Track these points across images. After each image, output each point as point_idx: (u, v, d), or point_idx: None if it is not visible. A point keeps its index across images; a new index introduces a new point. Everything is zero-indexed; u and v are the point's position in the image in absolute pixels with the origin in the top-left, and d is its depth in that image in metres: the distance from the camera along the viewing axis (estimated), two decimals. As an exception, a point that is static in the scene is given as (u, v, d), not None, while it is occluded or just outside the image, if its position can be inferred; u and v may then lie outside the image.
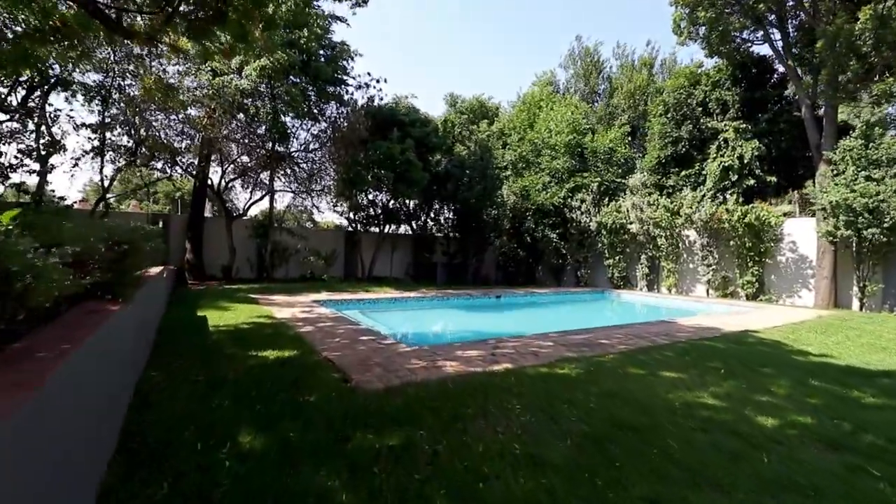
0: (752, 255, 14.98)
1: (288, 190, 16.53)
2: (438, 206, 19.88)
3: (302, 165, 15.94)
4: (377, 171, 15.23)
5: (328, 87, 14.19)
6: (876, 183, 12.14)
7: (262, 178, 15.81)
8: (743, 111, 17.34)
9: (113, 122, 13.05)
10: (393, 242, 19.22)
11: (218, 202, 16.05)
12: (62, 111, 12.58)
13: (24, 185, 11.55)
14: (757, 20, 14.64)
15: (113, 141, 13.34)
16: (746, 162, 16.06)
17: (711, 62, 18.69)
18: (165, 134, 13.58)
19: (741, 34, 15.53)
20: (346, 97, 15.49)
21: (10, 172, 10.07)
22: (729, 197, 16.27)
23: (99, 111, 12.92)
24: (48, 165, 12.36)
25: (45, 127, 12.24)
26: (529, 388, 4.30)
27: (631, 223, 17.91)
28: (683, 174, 18.92)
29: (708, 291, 16.26)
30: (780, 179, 16.39)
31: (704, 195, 17.17)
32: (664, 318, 11.29)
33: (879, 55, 12.03)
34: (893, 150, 12.20)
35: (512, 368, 4.91)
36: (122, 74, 12.59)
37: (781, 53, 15.04)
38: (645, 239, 17.74)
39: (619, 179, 20.34)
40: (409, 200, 18.65)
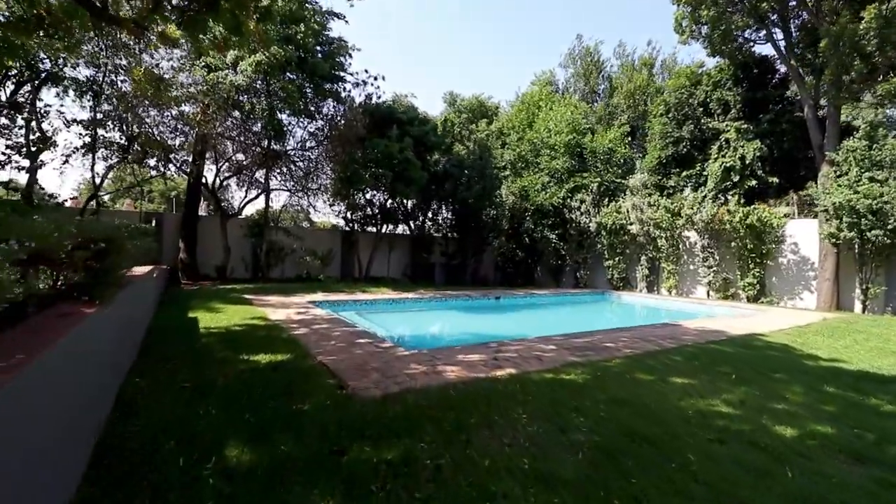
0: (753, 256, 14.83)
1: (284, 189, 16.28)
2: (437, 205, 19.67)
3: (298, 164, 15.69)
4: (375, 169, 14.99)
5: (325, 83, 13.95)
6: (880, 184, 12.00)
7: (257, 176, 15.54)
8: (744, 111, 17.20)
9: (105, 118, 12.77)
10: (390, 242, 18.98)
11: (213, 201, 15.78)
12: (52, 107, 12.22)
13: (12, 182, 11.25)
14: (759, 19, 14.50)
15: (105, 137, 13.05)
16: (748, 163, 15.91)
17: (713, 62, 18.58)
18: (159, 130, 13.32)
19: (743, 33, 15.40)
20: (343, 95, 15.26)
21: (-2, 169, 9.77)
22: (730, 198, 16.12)
23: (90, 107, 12.66)
24: (38, 162, 12.09)
25: (35, 122, 11.97)
26: (535, 395, 4.09)
27: (631, 224, 17.74)
28: (684, 175, 18.77)
29: (708, 293, 16.10)
30: (781, 181, 16.24)
31: (706, 196, 17.02)
32: (667, 320, 11.11)
33: (884, 55, 11.89)
34: (898, 151, 12.08)
35: (516, 374, 4.70)
36: (114, 70, 12.34)
37: (784, 53, 14.91)
38: (645, 240, 17.57)
39: (618, 180, 20.17)
40: (406, 200, 18.43)
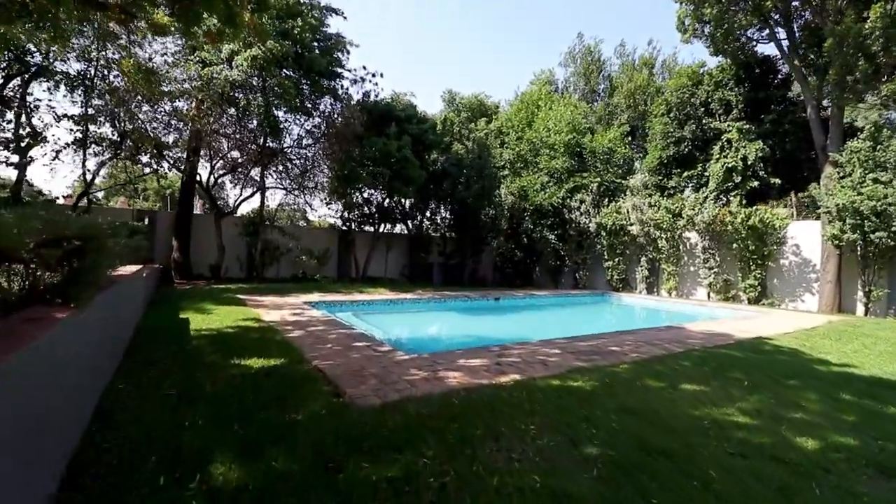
0: (754, 258, 14.69)
1: (280, 187, 16.01)
2: (435, 205, 19.44)
3: (294, 161, 15.43)
4: (373, 168, 14.75)
5: (322, 80, 13.68)
6: (884, 186, 11.87)
7: (252, 174, 15.27)
8: (746, 112, 17.06)
9: (97, 113, 12.47)
10: (388, 242, 18.75)
11: (207, 198, 15.49)
12: (42, 101, 11.91)
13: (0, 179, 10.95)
14: (762, 18, 14.35)
15: (96, 133, 12.75)
16: (750, 163, 15.77)
17: (714, 62, 18.45)
18: (152, 126, 13.03)
19: (746, 32, 15.25)
20: (340, 92, 14.99)
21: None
22: (732, 199, 15.98)
23: (81, 102, 12.36)
24: (27, 157, 11.78)
25: (25, 117, 11.67)
26: (542, 403, 3.87)
27: (631, 224, 17.58)
28: (686, 175, 18.62)
29: (709, 295, 15.96)
30: (783, 182, 16.11)
31: (707, 197, 16.87)
32: (670, 322, 10.94)
33: (889, 55, 11.76)
34: (903, 152, 11.95)
35: (520, 380, 4.48)
36: (106, 64, 12.06)
37: (787, 53, 14.77)
38: (645, 241, 17.42)
39: (618, 180, 20.01)
40: (404, 199, 18.19)
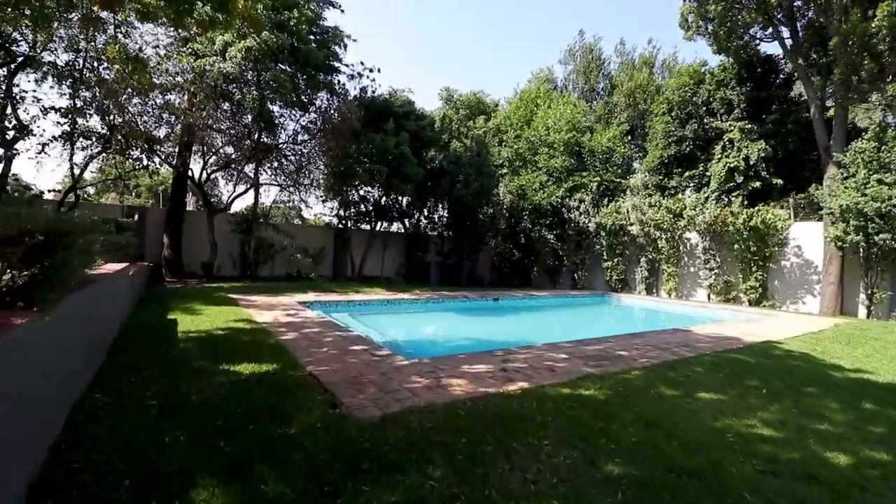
0: (756, 259, 14.52)
1: (274, 183, 15.65)
2: (433, 203, 19.13)
3: (290, 158, 15.08)
4: (370, 164, 14.43)
5: (319, 74, 13.35)
6: (888, 187, 11.71)
7: (246, 170, 14.91)
8: (748, 111, 16.89)
9: (85, 105, 12.07)
10: (384, 241, 18.44)
11: (200, 195, 15.11)
12: (28, 93, 11.49)
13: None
14: (766, 16, 14.16)
15: (84, 126, 12.34)
16: (752, 163, 15.60)
17: (715, 61, 18.29)
18: (143, 120, 12.64)
19: (749, 30, 15.07)
20: (337, 87, 14.66)
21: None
22: (734, 199, 15.80)
23: (69, 94, 11.96)
24: (12, 151, 11.37)
25: (10, 109, 11.26)
26: (555, 415, 3.61)
27: (631, 224, 17.37)
28: (687, 175, 18.44)
29: (709, 296, 15.78)
30: (784, 182, 15.96)
31: (708, 197, 16.70)
32: (672, 324, 10.73)
33: (894, 55, 11.61)
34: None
35: (529, 388, 4.22)
36: (95, 55, 11.67)
37: (790, 52, 14.60)
38: (645, 241, 17.22)
39: (618, 179, 19.81)
40: (401, 197, 17.87)
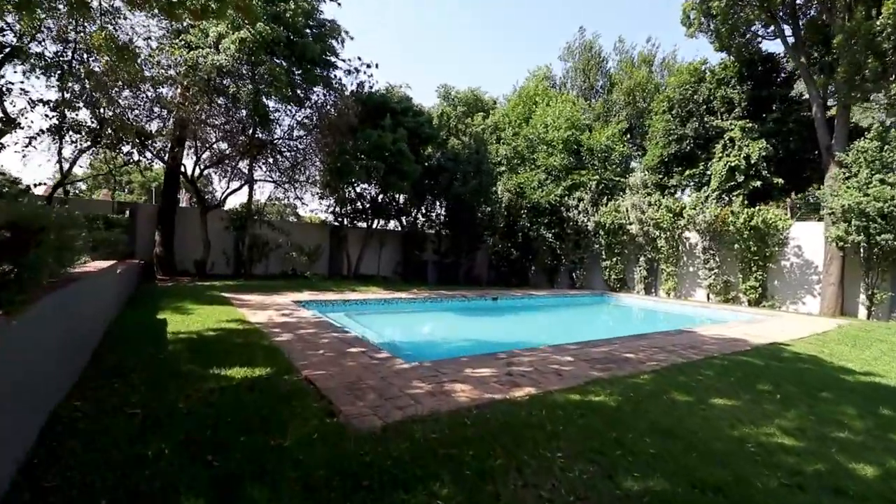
0: (756, 259, 14.42)
1: (269, 180, 15.35)
2: (430, 201, 18.88)
3: (285, 154, 14.80)
4: (366, 161, 14.17)
5: (315, 68, 13.07)
6: (891, 187, 11.61)
7: (240, 166, 14.60)
8: (749, 110, 16.77)
9: (74, 98, 11.73)
10: (381, 239, 18.18)
11: (193, 191, 14.80)
12: (14, 84, 11.14)
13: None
14: (769, 14, 14.01)
15: (74, 120, 12.01)
16: (753, 162, 15.48)
17: (716, 59, 18.17)
18: (134, 114, 12.33)
19: (751, 28, 14.93)
20: (334, 82, 14.38)
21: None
22: (735, 198, 15.68)
23: (58, 86, 11.62)
24: (-1, 144, 11.04)
25: (-4, 101, 10.92)
26: (565, 423, 3.41)
27: (630, 224, 17.23)
28: (687, 174, 18.31)
29: (708, 296, 15.68)
30: (784, 182, 15.87)
31: (708, 196, 16.57)
32: (674, 325, 10.59)
33: (898, 53, 11.51)
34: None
35: (536, 394, 4.02)
36: (86, 48, 11.34)
37: (792, 50, 14.47)
38: (644, 240, 17.08)
39: (617, 178, 19.66)
40: (399, 195, 17.62)
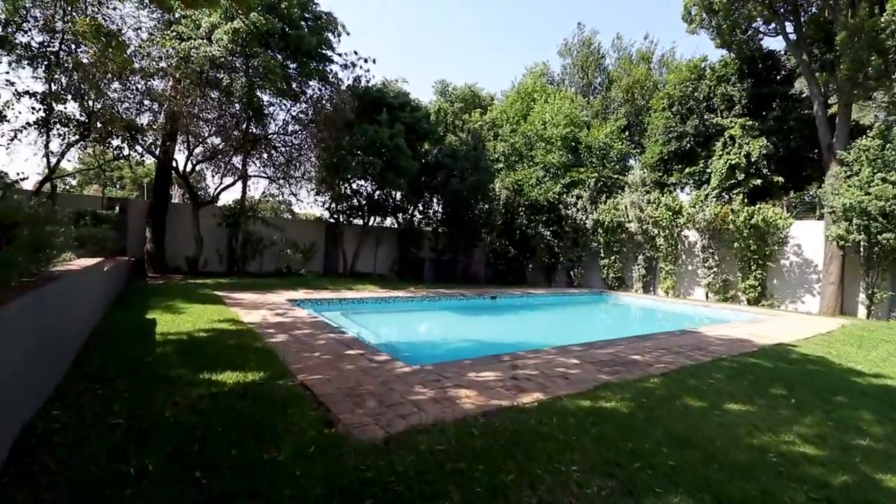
0: (755, 258, 14.34)
1: (263, 175, 15.06)
2: (427, 198, 18.64)
3: (280, 149, 14.51)
4: (363, 156, 13.91)
5: (311, 62, 12.79)
6: (893, 185, 11.53)
7: (234, 161, 14.29)
8: (749, 108, 16.64)
9: (62, 91, 11.39)
10: (377, 236, 17.94)
11: (185, 186, 14.47)
12: (-1, 75, 10.79)
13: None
14: (772, 10, 13.84)
15: (62, 112, 11.67)
16: (754, 160, 15.36)
17: (715, 56, 18.05)
18: (123, 107, 12.00)
19: (753, 24, 14.77)
20: (330, 77, 14.09)
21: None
22: (735, 197, 15.57)
23: (45, 78, 11.27)
24: (-19, 137, 10.69)
25: (-20, 93, 10.58)
26: (578, 433, 3.22)
27: (629, 222, 17.10)
28: (687, 171, 18.18)
29: (707, 295, 15.59)
30: (785, 180, 15.78)
31: (708, 194, 16.45)
32: (675, 324, 10.47)
33: (902, 51, 11.40)
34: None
35: (545, 400, 3.83)
36: (73, 39, 11.00)
37: (794, 47, 14.33)
38: (643, 238, 16.96)
39: (615, 176, 19.52)
40: (395, 191, 17.36)
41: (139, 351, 4.62)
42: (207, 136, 13.43)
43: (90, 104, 11.68)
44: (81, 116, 11.83)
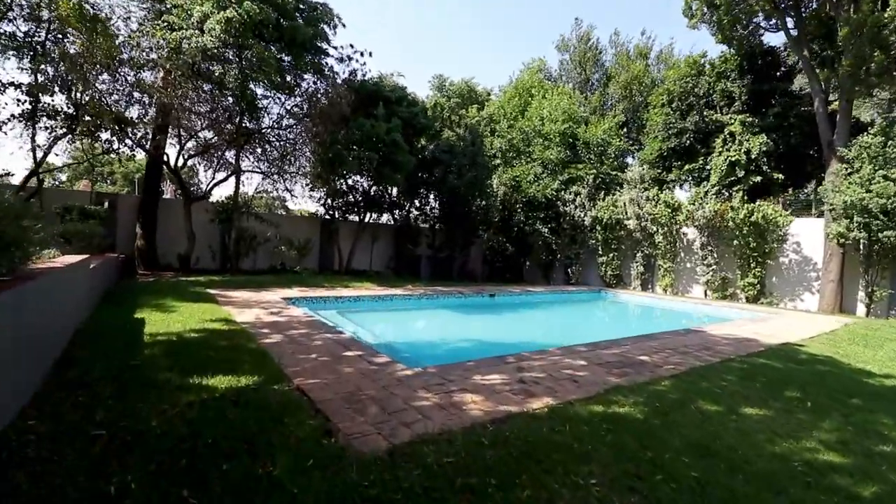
0: (755, 255, 14.24)
1: (257, 171, 14.74)
2: (424, 194, 18.40)
3: (274, 143, 14.20)
4: (359, 151, 13.64)
5: (306, 54, 12.48)
6: (894, 183, 11.45)
7: (227, 156, 13.97)
8: (749, 104, 16.52)
9: (48, 82, 11.03)
10: (374, 233, 17.68)
11: (176, 182, 14.14)
12: (-19, 65, 10.43)
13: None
14: (773, 5, 13.69)
15: (48, 104, 11.31)
16: (754, 157, 15.25)
17: (715, 52, 17.90)
18: (113, 99, 11.65)
19: (754, 19, 14.62)
20: (325, 70, 13.78)
21: None
22: (735, 194, 15.46)
23: (30, 68, 10.91)
24: (-34, 130, 10.34)
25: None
26: (593, 442, 3.03)
27: (628, 219, 16.97)
28: (686, 168, 18.05)
29: (706, 293, 15.50)
30: (785, 177, 15.69)
31: (707, 191, 16.34)
32: (676, 322, 10.37)
33: (905, 47, 11.30)
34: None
35: (555, 406, 3.64)
36: (60, 27, 10.64)
37: (795, 43, 14.20)
38: (641, 236, 16.84)
39: (613, 172, 19.37)
40: (392, 187, 17.11)
41: (126, 353, 4.38)
42: (199, 129, 13.11)
43: (78, 96, 11.35)
44: (69, 109, 11.49)
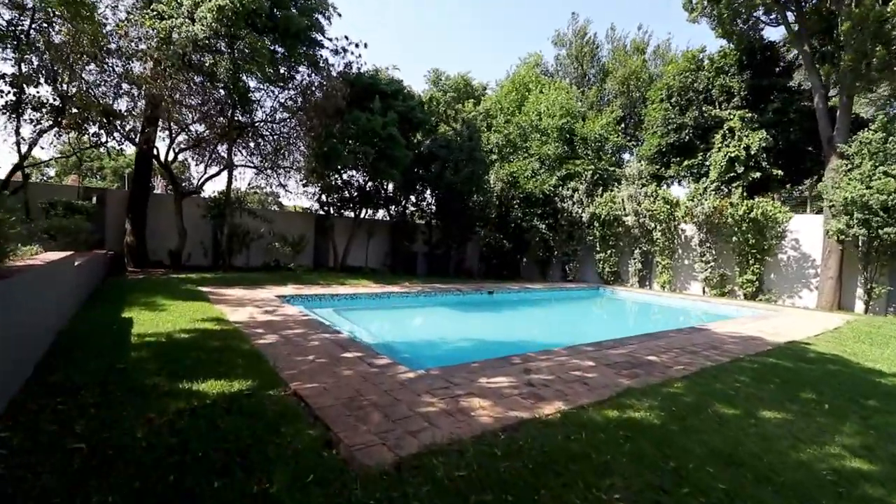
0: (753, 252, 14.16)
1: (250, 165, 14.42)
2: (420, 190, 18.14)
3: (267, 137, 13.88)
4: (355, 146, 13.37)
5: (300, 45, 12.17)
6: (895, 179, 11.38)
7: (219, 150, 13.64)
8: (748, 100, 16.42)
9: (33, 72, 10.65)
10: (369, 229, 17.40)
11: (167, 176, 13.80)
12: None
13: None
14: (774, -1, 13.59)
15: (33, 96, 10.94)
16: (753, 153, 15.15)
17: (715, 47, 17.79)
18: (101, 91, 11.30)
19: (754, 13, 14.48)
20: (320, 62, 13.47)
21: None
22: (734, 190, 15.38)
23: (15, 59, 10.52)
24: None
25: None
26: (612, 451, 2.85)
27: (626, 215, 16.84)
28: (685, 164, 17.94)
29: (704, 290, 15.42)
30: (784, 174, 15.62)
31: (707, 188, 16.23)
32: (677, 319, 10.26)
33: (906, 42, 11.21)
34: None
35: (568, 411, 3.46)
36: (45, 17, 10.26)
37: (795, 38, 14.08)
38: (640, 232, 16.73)
39: (611, 168, 19.23)
40: (388, 183, 16.83)
41: (111, 355, 4.14)
42: (190, 122, 12.78)
43: (64, 87, 10.98)
44: (55, 100, 11.12)
